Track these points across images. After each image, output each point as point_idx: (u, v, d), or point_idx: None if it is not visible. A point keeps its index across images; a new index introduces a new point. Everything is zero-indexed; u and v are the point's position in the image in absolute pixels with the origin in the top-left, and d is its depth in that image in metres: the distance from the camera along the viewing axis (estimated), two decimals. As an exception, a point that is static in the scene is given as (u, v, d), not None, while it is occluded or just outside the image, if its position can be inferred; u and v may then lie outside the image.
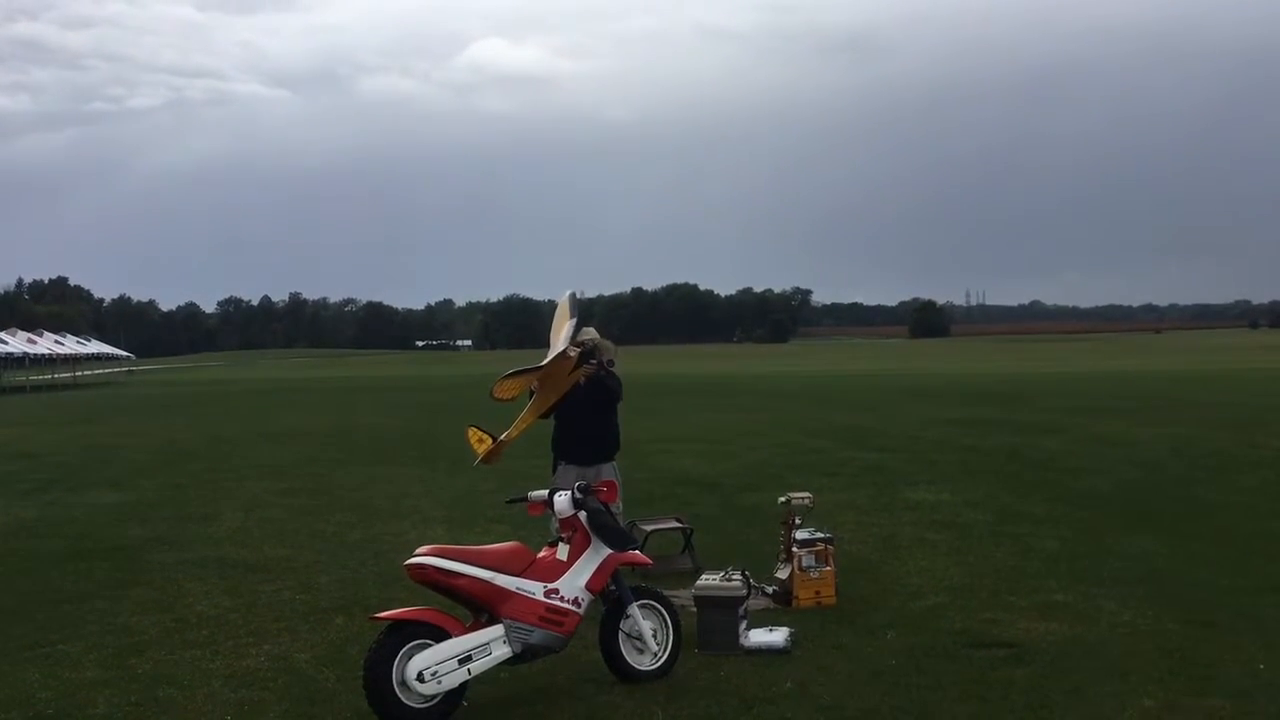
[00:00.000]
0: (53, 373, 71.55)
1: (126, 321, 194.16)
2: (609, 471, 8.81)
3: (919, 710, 6.16)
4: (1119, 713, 6.04)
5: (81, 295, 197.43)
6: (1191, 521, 11.71)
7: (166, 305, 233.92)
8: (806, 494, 9.19)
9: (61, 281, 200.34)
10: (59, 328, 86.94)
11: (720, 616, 7.41)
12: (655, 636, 6.93)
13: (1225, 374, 48.52)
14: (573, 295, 8.67)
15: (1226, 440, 19.88)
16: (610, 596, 6.91)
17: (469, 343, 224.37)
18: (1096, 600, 8.39)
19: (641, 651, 6.88)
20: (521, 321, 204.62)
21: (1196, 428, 22.48)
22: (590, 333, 8.87)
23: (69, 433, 28.49)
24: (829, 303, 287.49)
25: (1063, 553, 10.20)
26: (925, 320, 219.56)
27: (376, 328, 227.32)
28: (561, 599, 6.60)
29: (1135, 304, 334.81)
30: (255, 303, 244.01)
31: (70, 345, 75.59)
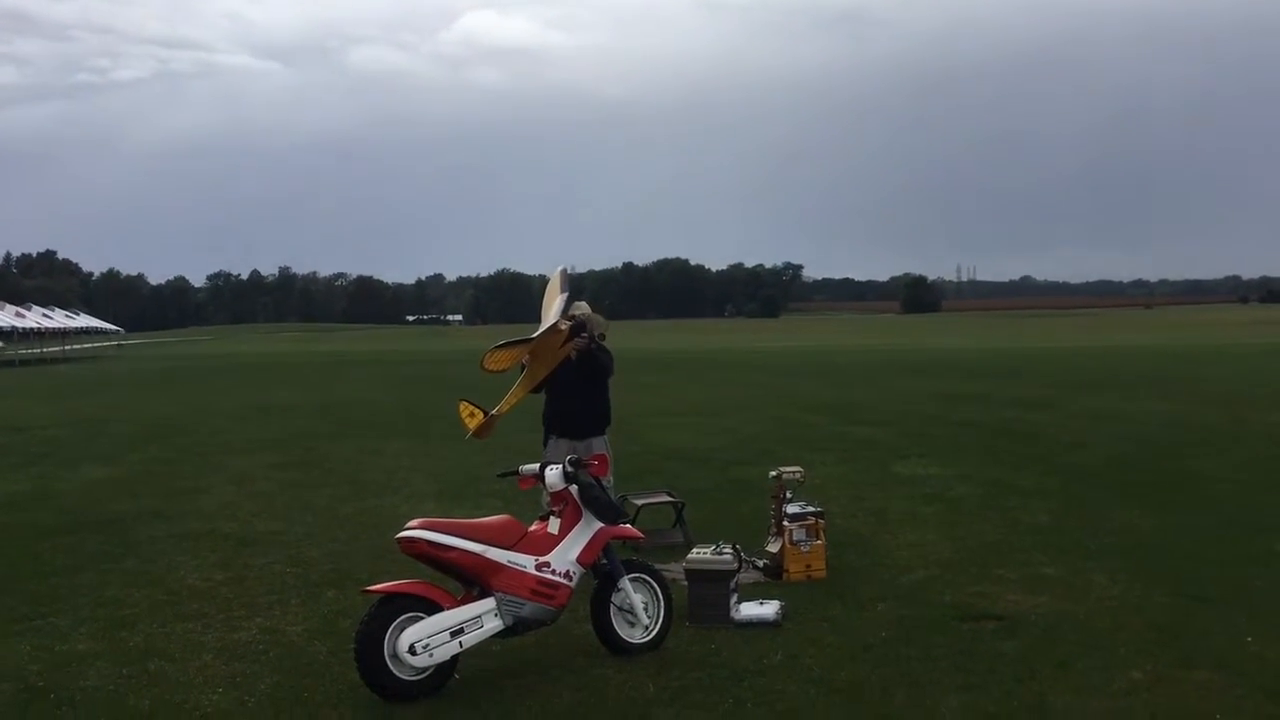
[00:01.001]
0: (41, 347, 71.23)
1: (115, 295, 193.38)
2: (600, 445, 8.82)
3: (908, 682, 6.19)
4: (1107, 685, 6.07)
5: (70, 269, 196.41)
6: (1180, 495, 11.76)
7: (155, 279, 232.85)
8: (797, 468, 9.21)
9: (49, 255, 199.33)
10: (47, 302, 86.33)
11: (711, 590, 7.43)
12: (646, 609, 6.95)
13: (1215, 349, 48.64)
14: (565, 270, 8.66)
15: (1216, 415, 19.95)
16: (601, 570, 6.93)
17: (459, 318, 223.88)
18: (1085, 573, 8.43)
19: (633, 624, 6.90)
20: (512, 296, 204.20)
21: (1186, 403, 22.55)
22: (582, 307, 8.86)
23: (58, 407, 28.40)
24: (820, 278, 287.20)
25: (1052, 526, 10.24)
26: (916, 296, 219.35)
27: (366, 302, 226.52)
28: (553, 572, 6.61)
29: (1126, 279, 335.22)
30: (245, 277, 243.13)
31: (58, 319, 75.18)
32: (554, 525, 6.78)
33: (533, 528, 6.77)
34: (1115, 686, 6.05)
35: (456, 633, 6.20)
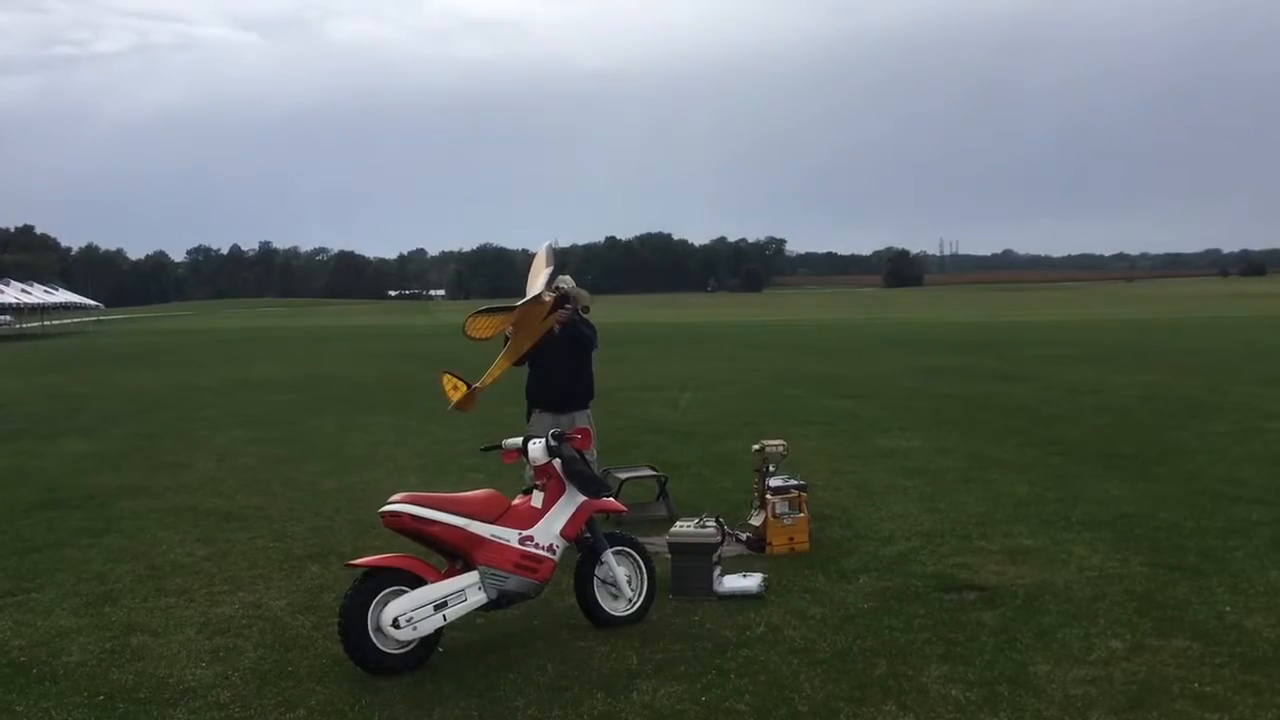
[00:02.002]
0: (20, 322, 70.73)
1: (94, 270, 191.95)
2: (583, 419, 8.82)
3: (890, 652, 6.23)
4: (1087, 654, 6.12)
5: (48, 244, 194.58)
6: (1160, 466, 11.84)
7: (135, 254, 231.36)
8: (780, 441, 9.23)
9: (28, 230, 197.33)
10: (26, 277, 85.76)
11: (694, 562, 7.45)
12: (630, 582, 6.97)
13: (1195, 322, 48.94)
14: (550, 245, 8.64)
15: (1195, 387, 20.09)
16: (585, 543, 6.94)
17: (442, 292, 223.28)
18: (1065, 544, 8.49)
19: (616, 597, 6.92)
20: (495, 270, 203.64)
21: (1166, 375, 22.70)
22: (567, 280, 8.84)
23: (38, 382, 28.23)
24: (803, 252, 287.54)
25: (1032, 498, 10.30)
26: (899, 270, 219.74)
27: (348, 277, 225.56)
28: (536, 545, 6.61)
29: (1107, 253, 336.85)
30: (225, 251, 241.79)
31: (37, 294, 74.64)
32: (537, 499, 6.78)
33: (516, 501, 6.77)
34: (1095, 655, 6.10)
35: (440, 606, 6.21)
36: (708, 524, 7.71)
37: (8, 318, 76.62)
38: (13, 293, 68.67)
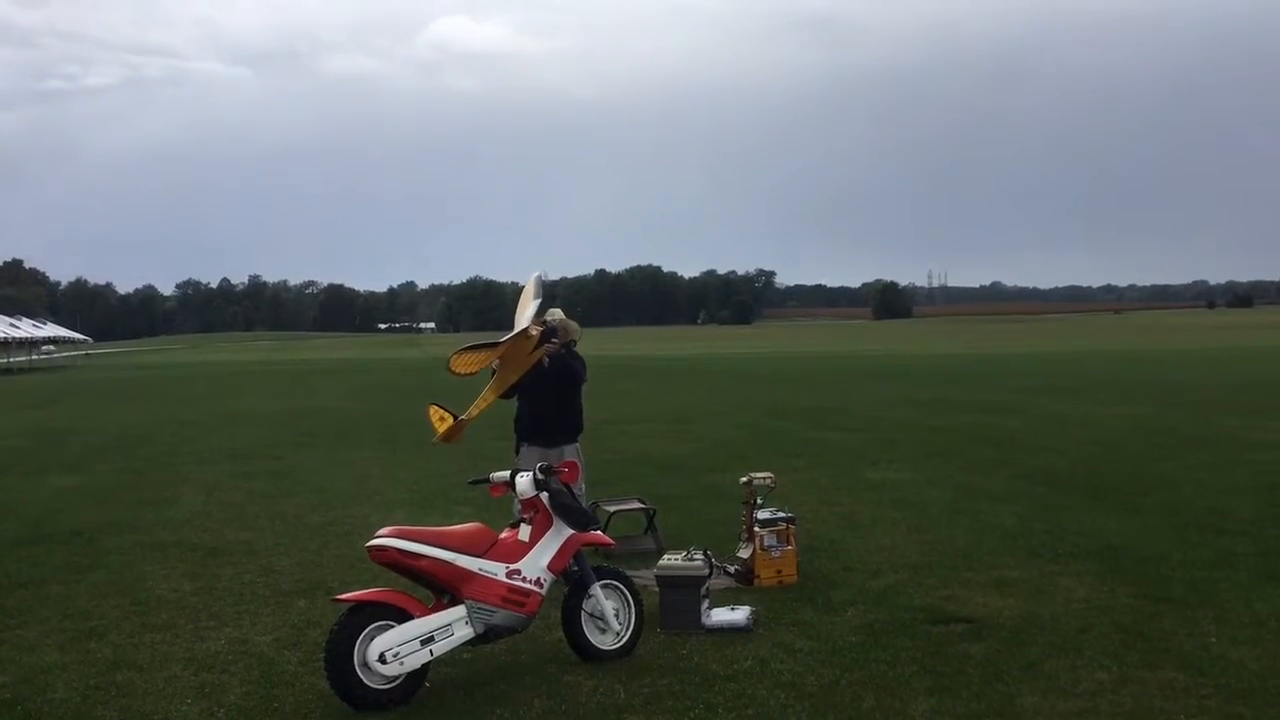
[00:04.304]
0: (8, 356, 70.46)
1: (83, 304, 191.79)
2: (572, 453, 8.82)
3: (878, 685, 6.22)
4: (1074, 685, 6.13)
5: (37, 278, 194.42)
6: (1146, 498, 11.87)
7: (124, 288, 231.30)
8: (768, 474, 9.24)
9: (16, 264, 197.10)
10: (14, 311, 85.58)
11: (682, 596, 7.45)
12: (618, 616, 6.96)
13: (1182, 354, 49.16)
14: (538, 277, 8.68)
15: (1182, 419, 20.17)
16: (572, 577, 6.93)
17: (432, 325, 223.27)
18: (1052, 576, 8.50)
19: (604, 631, 6.91)
20: (485, 304, 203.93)
21: (1153, 406, 22.78)
22: (556, 314, 8.88)
23: (24, 417, 28.12)
24: (793, 284, 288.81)
25: (1020, 529, 10.32)
26: (888, 301, 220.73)
27: (338, 311, 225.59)
28: (524, 579, 6.61)
29: (1095, 285, 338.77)
30: (214, 285, 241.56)
31: (26, 328, 74.47)
32: (525, 532, 6.78)
33: (503, 535, 6.76)
34: (1082, 687, 6.10)
35: (427, 641, 6.19)
36: (695, 557, 7.70)
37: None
38: (1, 326, 68.46)
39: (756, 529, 8.57)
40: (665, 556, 7.86)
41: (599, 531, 7.33)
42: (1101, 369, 38.67)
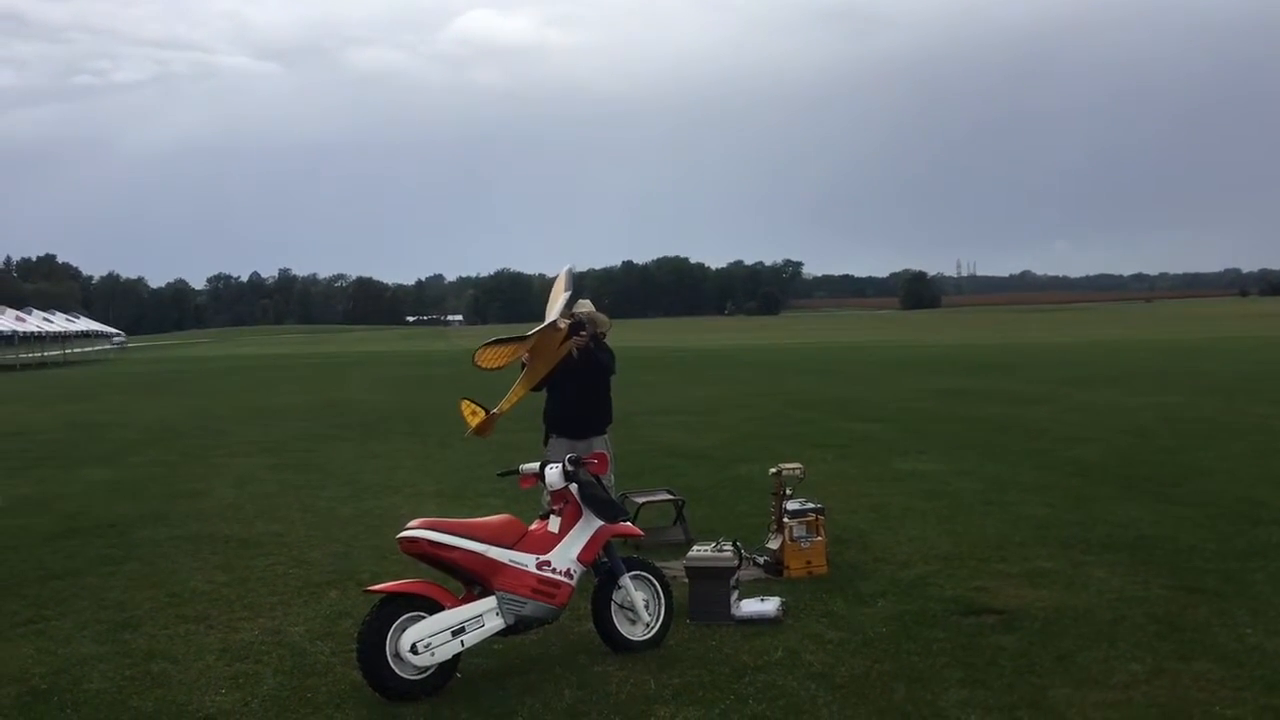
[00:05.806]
0: (42, 351, 71.25)
1: (115, 299, 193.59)
2: (601, 444, 8.82)
3: (909, 677, 6.20)
4: (1107, 678, 6.09)
5: (70, 273, 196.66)
6: (1179, 488, 11.77)
7: (155, 282, 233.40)
8: (797, 465, 9.22)
9: (49, 259, 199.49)
10: (47, 305, 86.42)
11: (712, 587, 7.45)
12: (647, 607, 6.97)
13: (1214, 342, 48.67)
14: (569, 269, 8.69)
15: (1214, 408, 19.98)
16: (602, 568, 6.94)
17: (460, 318, 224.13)
18: (1085, 567, 8.45)
19: (634, 622, 6.92)
20: (512, 296, 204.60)
21: (1185, 396, 22.58)
22: (585, 306, 8.87)
23: (59, 410, 28.42)
24: (820, 275, 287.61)
25: (1051, 520, 10.26)
26: (916, 291, 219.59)
27: (367, 304, 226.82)
28: (554, 571, 6.63)
29: (1126, 273, 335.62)
30: (245, 279, 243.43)
31: (59, 323, 75.20)
32: (554, 524, 6.80)
33: (533, 526, 6.78)
34: (1115, 679, 6.06)
35: (458, 632, 6.22)
36: (725, 548, 7.70)
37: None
38: (34, 321, 69.19)
39: (786, 520, 8.56)
40: (694, 547, 7.86)
41: (628, 523, 7.34)
42: (1132, 358, 38.35)
